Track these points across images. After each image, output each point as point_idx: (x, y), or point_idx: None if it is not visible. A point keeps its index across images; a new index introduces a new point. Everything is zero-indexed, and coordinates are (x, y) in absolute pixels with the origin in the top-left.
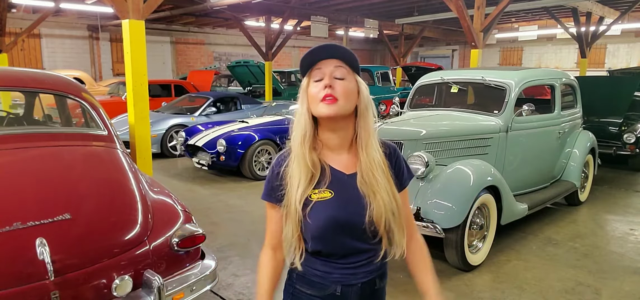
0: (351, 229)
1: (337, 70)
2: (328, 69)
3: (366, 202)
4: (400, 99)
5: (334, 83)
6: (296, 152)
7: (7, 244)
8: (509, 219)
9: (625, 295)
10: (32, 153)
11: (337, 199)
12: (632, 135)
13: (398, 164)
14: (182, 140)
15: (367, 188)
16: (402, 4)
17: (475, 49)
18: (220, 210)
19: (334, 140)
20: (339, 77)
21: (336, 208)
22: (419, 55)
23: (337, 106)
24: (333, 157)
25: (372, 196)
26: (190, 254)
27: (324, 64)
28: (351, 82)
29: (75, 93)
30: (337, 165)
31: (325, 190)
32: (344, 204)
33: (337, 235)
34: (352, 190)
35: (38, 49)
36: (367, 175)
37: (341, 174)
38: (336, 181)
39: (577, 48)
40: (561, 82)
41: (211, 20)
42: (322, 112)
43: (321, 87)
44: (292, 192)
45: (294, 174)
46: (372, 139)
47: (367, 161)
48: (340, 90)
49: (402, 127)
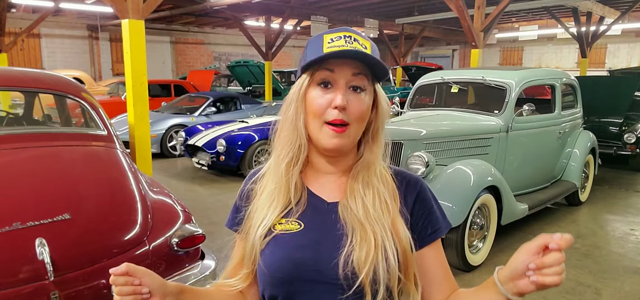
0: (319, 276)
1: (354, 79)
2: (343, 75)
3: (347, 239)
4: (401, 99)
5: (348, 100)
6: (278, 174)
7: (6, 244)
8: (510, 219)
9: (625, 295)
10: (31, 153)
11: (304, 234)
12: (632, 135)
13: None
14: (182, 140)
15: (353, 219)
16: (402, 3)
17: (475, 48)
18: (220, 210)
19: (328, 167)
20: (356, 89)
21: (300, 247)
22: (419, 55)
23: (348, 135)
24: (316, 177)
25: (358, 231)
26: (190, 254)
27: (338, 66)
28: (369, 96)
29: (75, 93)
30: (316, 189)
31: (294, 220)
32: (313, 241)
33: (298, 285)
34: (328, 224)
35: (38, 49)
36: (356, 201)
37: (319, 201)
38: (311, 210)
39: (577, 48)
40: (561, 82)
41: (211, 20)
42: (327, 144)
43: (328, 103)
44: (257, 220)
45: (265, 198)
46: (379, 163)
47: (360, 184)
48: (355, 111)
49: (402, 127)
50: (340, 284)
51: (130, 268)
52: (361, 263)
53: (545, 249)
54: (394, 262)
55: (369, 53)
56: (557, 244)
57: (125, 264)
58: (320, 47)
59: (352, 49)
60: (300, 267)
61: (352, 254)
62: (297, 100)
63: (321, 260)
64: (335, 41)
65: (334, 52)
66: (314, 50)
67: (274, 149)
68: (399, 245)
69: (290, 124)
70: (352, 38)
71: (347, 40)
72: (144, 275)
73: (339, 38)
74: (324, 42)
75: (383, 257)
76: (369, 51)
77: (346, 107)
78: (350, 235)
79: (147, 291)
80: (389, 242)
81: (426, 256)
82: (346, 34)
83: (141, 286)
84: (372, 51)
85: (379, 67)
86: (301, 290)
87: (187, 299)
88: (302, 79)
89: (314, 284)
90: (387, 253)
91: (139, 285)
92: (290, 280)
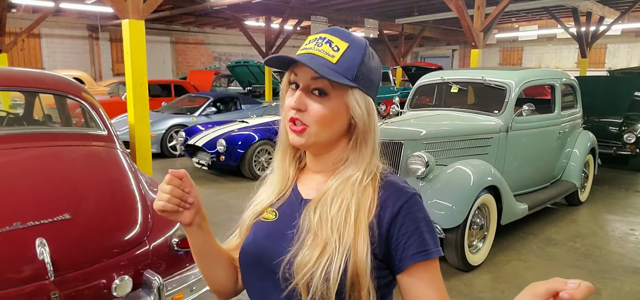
0: (269, 267)
1: (314, 83)
2: (303, 78)
3: (297, 240)
4: (400, 99)
5: (306, 104)
6: (277, 164)
7: (6, 244)
8: (509, 219)
9: (625, 295)
10: (32, 153)
11: (275, 225)
12: (632, 135)
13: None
14: (182, 140)
15: (309, 223)
16: (402, 3)
17: (475, 48)
18: (220, 210)
19: (316, 165)
20: (317, 92)
21: (268, 236)
22: (419, 55)
23: (308, 135)
24: (307, 175)
25: (311, 237)
26: (190, 254)
27: (301, 69)
28: (335, 100)
29: (75, 93)
30: (302, 186)
31: (274, 210)
32: (278, 233)
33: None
34: (294, 220)
35: (38, 49)
36: (316, 209)
37: (296, 196)
38: (287, 203)
39: (577, 48)
40: (561, 82)
41: (211, 20)
42: (291, 140)
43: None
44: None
45: (267, 185)
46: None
47: (331, 192)
48: (312, 114)
49: (402, 127)
50: (279, 281)
51: (186, 175)
52: (300, 267)
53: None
54: (335, 275)
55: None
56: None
57: (183, 170)
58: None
59: (305, 54)
60: (261, 255)
61: (296, 256)
62: (283, 99)
63: (275, 254)
64: (309, 44)
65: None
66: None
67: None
68: (352, 259)
69: (281, 121)
70: (325, 40)
71: (318, 42)
72: (193, 187)
73: (313, 40)
74: (305, 42)
75: (324, 267)
76: (337, 57)
77: (304, 109)
78: (303, 237)
79: (191, 201)
80: (340, 254)
81: (412, 281)
82: (322, 35)
83: (188, 195)
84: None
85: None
86: (256, 278)
87: (207, 229)
88: (284, 78)
89: (266, 274)
90: (332, 265)
91: (188, 192)
92: (250, 265)
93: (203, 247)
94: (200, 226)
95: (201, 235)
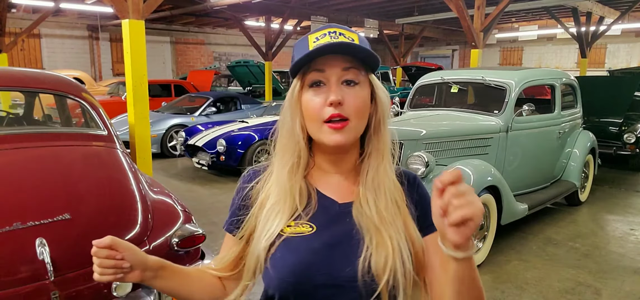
0: (330, 280)
1: (346, 74)
2: (334, 72)
3: (364, 244)
4: (400, 99)
5: (343, 95)
6: (281, 182)
7: (7, 244)
8: (509, 219)
9: (625, 295)
10: (32, 153)
11: (317, 237)
12: (632, 135)
13: (423, 198)
14: (182, 140)
15: (368, 223)
16: (402, 4)
17: (475, 49)
18: (220, 210)
19: (332, 166)
20: (349, 83)
21: (313, 250)
22: (419, 55)
23: (349, 130)
24: (324, 178)
25: (374, 236)
26: (190, 254)
27: (327, 64)
28: (365, 89)
29: (75, 93)
30: (326, 190)
31: (305, 223)
32: (327, 244)
33: (310, 289)
34: (344, 226)
35: (38, 49)
36: (369, 205)
37: (330, 202)
38: (322, 211)
39: (577, 48)
40: (561, 82)
41: (211, 20)
42: (329, 141)
43: (324, 102)
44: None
45: (270, 210)
46: (386, 161)
47: (371, 186)
48: (352, 105)
49: (402, 127)
50: (359, 290)
51: (114, 242)
52: (380, 269)
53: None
54: (410, 266)
55: (357, 43)
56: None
57: (109, 237)
58: (306, 47)
59: (337, 42)
60: (312, 270)
61: (370, 260)
62: (292, 106)
63: (334, 264)
64: (320, 39)
65: (320, 47)
66: (301, 51)
67: (274, 156)
68: (412, 247)
69: (287, 130)
70: (337, 33)
71: (332, 35)
72: (126, 250)
73: (323, 35)
74: (309, 42)
75: (400, 262)
76: (357, 42)
77: (342, 102)
78: (367, 240)
79: (129, 265)
80: (404, 245)
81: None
82: (331, 29)
83: (123, 260)
84: (360, 42)
85: (370, 56)
86: (313, 293)
87: (166, 275)
88: (293, 84)
89: (326, 288)
90: (404, 257)
91: (121, 259)
92: (302, 283)
93: (172, 291)
94: (158, 277)
95: (163, 282)
